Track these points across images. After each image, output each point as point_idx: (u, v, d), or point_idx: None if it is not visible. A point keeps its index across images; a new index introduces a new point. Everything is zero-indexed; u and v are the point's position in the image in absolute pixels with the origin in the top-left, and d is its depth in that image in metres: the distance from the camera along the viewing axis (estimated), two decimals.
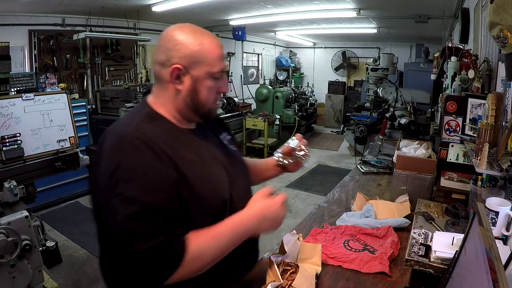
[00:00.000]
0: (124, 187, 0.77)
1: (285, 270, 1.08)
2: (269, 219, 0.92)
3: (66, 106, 2.27)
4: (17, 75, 3.73)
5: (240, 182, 0.99)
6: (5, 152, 1.89)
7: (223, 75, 0.93)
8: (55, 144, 2.17)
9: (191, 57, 0.86)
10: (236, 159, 1.06)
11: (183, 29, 0.88)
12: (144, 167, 0.79)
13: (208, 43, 0.88)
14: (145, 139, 0.82)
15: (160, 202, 0.78)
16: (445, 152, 1.61)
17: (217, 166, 0.94)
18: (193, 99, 0.90)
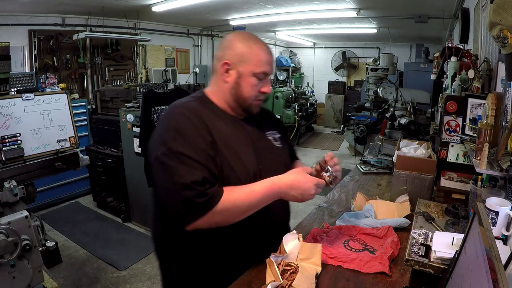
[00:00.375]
0: (172, 143, 0.96)
1: (285, 270, 1.08)
2: (299, 190, 1.04)
3: (66, 106, 2.26)
4: (17, 75, 3.73)
5: (271, 175, 1.08)
6: (5, 152, 1.89)
7: (267, 78, 1.11)
8: (55, 144, 2.17)
9: (239, 56, 1.06)
10: (275, 153, 1.20)
11: (241, 34, 1.11)
12: (187, 129, 0.98)
13: (256, 48, 1.07)
14: (190, 110, 1.04)
15: (200, 156, 0.96)
16: (445, 152, 1.61)
17: (248, 150, 1.09)
18: (237, 91, 1.08)
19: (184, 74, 6.77)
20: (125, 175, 3.49)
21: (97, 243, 3.19)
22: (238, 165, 1.04)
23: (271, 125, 1.26)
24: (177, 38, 6.56)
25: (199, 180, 0.93)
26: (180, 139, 0.96)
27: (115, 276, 2.71)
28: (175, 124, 1.00)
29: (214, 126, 1.03)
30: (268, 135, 1.21)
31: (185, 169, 0.93)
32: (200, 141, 0.98)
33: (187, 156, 0.94)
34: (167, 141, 0.97)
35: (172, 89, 3.36)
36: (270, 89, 1.12)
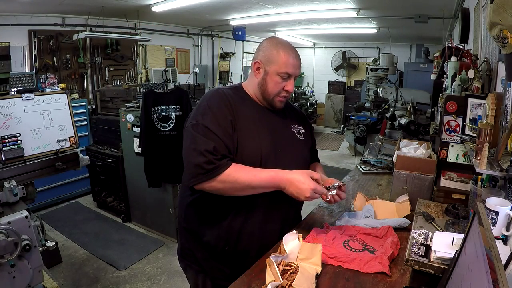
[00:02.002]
0: (201, 116, 1.18)
1: (285, 270, 1.08)
2: (296, 189, 1.16)
3: (66, 106, 2.26)
4: (17, 75, 3.73)
5: (287, 161, 1.25)
6: (5, 152, 1.89)
7: (291, 78, 1.26)
8: (55, 144, 2.17)
9: (268, 57, 1.25)
10: (296, 143, 1.35)
11: (274, 39, 1.29)
12: (215, 108, 1.19)
13: (283, 52, 1.23)
14: (223, 94, 1.24)
15: (219, 130, 1.15)
16: (445, 152, 1.61)
17: (266, 133, 1.25)
18: (262, 86, 1.27)
19: (184, 74, 6.77)
20: (125, 175, 3.49)
21: (97, 243, 3.19)
22: (252, 144, 1.20)
23: (298, 121, 1.42)
24: (177, 38, 6.56)
25: (210, 150, 1.11)
26: (207, 115, 1.17)
27: (115, 276, 2.71)
28: (208, 103, 1.21)
29: (240, 109, 1.22)
30: (293, 127, 1.37)
31: (203, 139, 1.13)
32: (223, 119, 1.17)
33: (209, 129, 1.14)
34: (198, 115, 1.19)
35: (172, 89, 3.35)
36: (292, 88, 1.27)
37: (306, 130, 1.43)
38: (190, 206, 1.32)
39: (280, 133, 1.30)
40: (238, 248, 1.26)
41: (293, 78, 1.27)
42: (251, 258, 1.20)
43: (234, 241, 1.25)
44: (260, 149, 1.21)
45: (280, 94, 1.27)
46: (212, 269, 1.30)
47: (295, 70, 1.25)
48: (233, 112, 1.20)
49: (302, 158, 1.38)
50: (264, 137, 1.24)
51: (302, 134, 1.40)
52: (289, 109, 1.44)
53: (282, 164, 1.22)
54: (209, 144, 1.12)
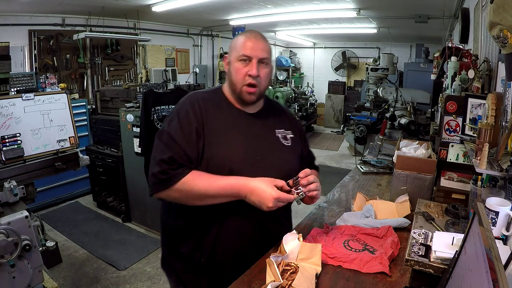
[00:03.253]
0: (168, 123, 1.16)
1: (285, 270, 1.08)
2: (258, 198, 1.07)
3: (66, 106, 2.26)
4: (17, 75, 3.73)
5: (267, 169, 1.15)
6: (5, 152, 1.89)
7: (254, 61, 1.13)
8: (55, 144, 2.17)
9: (230, 47, 1.20)
10: (279, 149, 1.23)
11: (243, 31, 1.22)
12: (182, 115, 1.14)
13: (242, 36, 1.17)
14: (196, 99, 1.18)
15: (181, 138, 1.11)
16: (445, 152, 1.61)
17: (240, 139, 1.17)
18: (230, 79, 1.19)
19: (184, 74, 6.77)
20: (125, 175, 3.49)
21: (97, 243, 3.19)
22: (220, 152, 1.13)
23: (285, 125, 1.30)
24: (177, 38, 6.56)
25: (166, 159, 1.08)
26: (174, 121, 1.14)
27: (115, 276, 2.71)
28: (178, 109, 1.18)
29: (212, 115, 1.16)
30: (278, 132, 1.26)
31: (162, 148, 1.11)
32: (187, 125, 1.12)
33: (171, 136, 1.11)
34: (167, 120, 1.17)
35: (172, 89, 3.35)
36: (255, 71, 1.13)
37: (295, 135, 1.30)
38: (166, 214, 1.30)
39: (260, 139, 1.20)
40: (214, 259, 1.19)
41: (256, 62, 1.13)
42: (228, 270, 1.16)
43: (209, 252, 1.18)
44: (229, 157, 1.12)
45: (245, 83, 1.14)
46: (190, 281, 1.24)
47: (254, 52, 1.13)
48: (201, 118, 1.13)
49: (287, 165, 1.22)
50: (237, 144, 1.15)
51: (290, 140, 1.27)
52: (276, 111, 1.31)
53: (261, 173, 1.12)
54: (165, 154, 1.09)
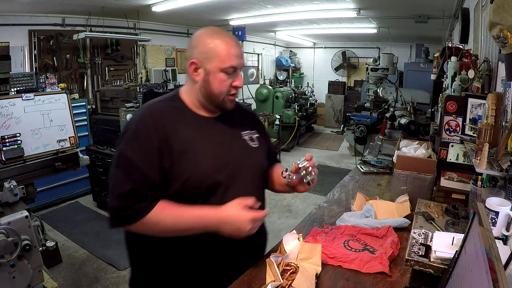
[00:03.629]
0: (125, 144, 1.01)
1: (285, 270, 1.08)
2: (232, 227, 1.00)
3: (66, 106, 2.26)
4: (17, 75, 3.72)
5: (241, 178, 1.09)
6: (5, 152, 1.89)
7: (238, 71, 1.07)
8: (55, 144, 2.17)
9: (205, 53, 1.03)
10: (249, 153, 1.16)
11: (206, 31, 1.06)
12: (141, 134, 1.01)
13: (222, 42, 1.03)
14: (153, 113, 1.05)
15: (143, 163, 0.98)
16: (445, 152, 1.61)
17: (212, 151, 1.07)
18: (206, 89, 1.06)
19: (184, 74, 6.73)
20: None
21: (97, 243, 3.19)
22: (193, 169, 1.01)
23: (249, 125, 1.23)
24: (177, 38, 6.56)
25: (125, 192, 0.96)
26: (132, 142, 1.01)
27: (115, 276, 2.71)
28: (135, 126, 1.04)
29: (175, 129, 1.03)
30: (244, 134, 1.18)
31: (120, 178, 0.98)
32: (149, 147, 0.99)
33: (131, 162, 0.98)
34: (123, 140, 1.02)
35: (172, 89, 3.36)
36: (241, 82, 1.09)
37: (260, 133, 1.24)
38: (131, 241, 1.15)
39: (229, 146, 1.11)
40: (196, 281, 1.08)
41: (240, 70, 1.08)
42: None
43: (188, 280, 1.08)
44: (205, 174, 1.02)
45: (229, 93, 1.07)
46: None
47: (239, 61, 1.06)
48: (165, 135, 1.00)
49: (259, 168, 1.19)
50: (209, 158, 1.05)
51: (256, 140, 1.20)
52: (238, 112, 1.21)
53: (237, 184, 1.07)
54: (124, 185, 0.96)
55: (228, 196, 1.04)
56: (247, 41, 7.27)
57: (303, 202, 4.27)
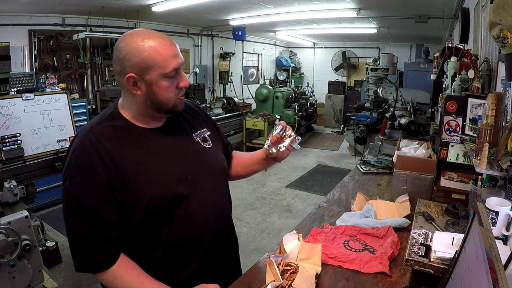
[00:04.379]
0: (69, 182, 0.92)
1: (285, 270, 1.08)
2: None
3: (66, 106, 2.27)
4: (17, 75, 3.73)
5: (203, 186, 1.04)
6: (5, 152, 1.89)
7: (180, 70, 0.97)
8: (55, 144, 2.17)
9: (141, 63, 0.90)
10: (206, 156, 1.10)
11: (131, 38, 0.92)
12: (84, 167, 0.91)
13: (155, 46, 0.91)
14: (92, 140, 0.93)
15: (94, 202, 0.90)
16: (445, 152, 1.61)
17: (167, 165, 0.99)
18: (152, 100, 0.95)
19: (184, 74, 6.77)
20: None
21: None
22: (153, 188, 0.94)
23: (199, 124, 1.16)
24: (177, 38, 6.55)
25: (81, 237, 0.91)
26: (76, 178, 0.91)
27: None
28: (75, 159, 0.93)
29: (121, 153, 0.93)
30: (196, 136, 1.11)
31: (72, 220, 0.92)
32: (96, 183, 0.90)
33: (81, 203, 0.90)
34: (67, 178, 0.93)
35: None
36: (186, 81, 1.00)
37: (212, 131, 1.18)
38: None
39: (182, 154, 1.04)
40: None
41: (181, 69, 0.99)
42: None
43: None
44: (164, 192, 0.96)
45: (178, 96, 0.99)
46: None
47: (179, 60, 0.95)
48: (111, 164, 0.91)
49: (218, 169, 1.13)
50: (165, 173, 0.98)
51: (209, 139, 1.14)
52: (185, 112, 1.12)
53: (199, 192, 1.02)
54: (78, 230, 0.90)
55: (193, 205, 1.01)
56: (247, 41, 7.28)
57: (303, 202, 4.27)
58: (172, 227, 0.98)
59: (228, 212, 1.19)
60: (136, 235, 0.97)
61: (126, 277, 0.94)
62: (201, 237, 1.04)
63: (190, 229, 1.01)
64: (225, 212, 1.16)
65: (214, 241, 1.07)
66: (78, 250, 0.92)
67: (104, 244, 0.92)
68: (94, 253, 0.91)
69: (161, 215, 0.97)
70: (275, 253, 1.12)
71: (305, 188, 4.72)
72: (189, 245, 1.02)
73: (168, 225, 0.98)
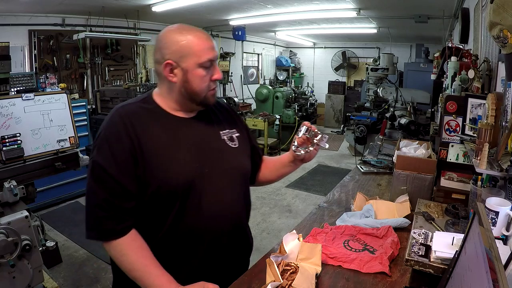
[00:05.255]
0: (97, 151, 0.98)
1: (285, 270, 1.08)
2: None
3: (66, 106, 2.27)
4: (17, 75, 3.73)
5: (218, 178, 1.06)
6: (5, 152, 1.89)
7: (214, 63, 1.04)
8: (55, 144, 2.17)
9: (179, 51, 0.98)
10: (228, 155, 1.11)
11: (172, 29, 1.02)
12: (112, 138, 0.97)
13: (194, 37, 0.99)
14: (123, 116, 1.00)
15: (116, 171, 0.95)
16: (445, 152, 1.61)
17: (187, 153, 1.03)
18: (186, 88, 1.01)
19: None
20: None
21: (97, 243, 3.12)
22: (168, 171, 0.98)
23: (229, 123, 1.18)
24: None
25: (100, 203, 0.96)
26: (103, 148, 0.97)
27: None
28: (105, 131, 1.00)
29: (147, 131, 0.99)
30: (223, 134, 1.13)
31: (93, 186, 0.98)
32: (121, 152, 0.96)
33: (104, 170, 0.95)
34: (95, 148, 1.00)
35: None
36: (220, 74, 1.06)
37: (241, 133, 1.19)
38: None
39: (205, 148, 1.06)
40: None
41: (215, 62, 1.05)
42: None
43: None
44: (178, 179, 0.99)
45: (210, 88, 1.04)
46: None
47: (215, 53, 1.03)
48: (136, 138, 0.97)
49: (238, 171, 1.14)
50: (183, 160, 1.01)
51: (236, 140, 1.15)
52: (217, 109, 1.17)
53: (212, 189, 1.04)
54: (98, 196, 0.96)
55: (203, 199, 1.02)
56: (247, 41, 7.27)
57: (303, 202, 4.27)
58: (179, 215, 1.01)
59: (241, 216, 1.16)
60: (145, 213, 1.00)
61: (132, 257, 0.96)
62: (206, 233, 1.04)
63: (196, 223, 1.02)
64: (237, 215, 1.13)
65: (219, 241, 1.07)
66: (93, 216, 0.97)
67: (119, 214, 0.96)
68: (108, 220, 0.95)
69: (171, 199, 0.99)
70: (275, 253, 1.12)
71: (305, 188, 4.72)
72: (192, 238, 1.03)
73: (176, 211, 1.00)
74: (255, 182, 1.32)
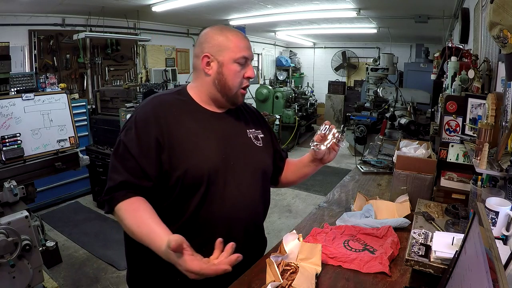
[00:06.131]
0: (125, 132, 1.04)
1: (285, 270, 1.08)
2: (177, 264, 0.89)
3: (66, 106, 2.26)
4: (17, 75, 3.72)
5: (240, 175, 1.10)
6: (5, 152, 1.89)
7: (249, 62, 1.11)
8: (55, 144, 2.17)
9: (217, 46, 1.06)
10: (252, 151, 1.16)
11: (214, 28, 1.11)
12: (141, 123, 1.03)
13: (232, 35, 1.08)
14: (157, 104, 1.08)
15: (138, 152, 1.00)
16: (445, 152, 1.61)
17: (213, 144, 1.07)
18: (220, 81, 1.08)
19: (184, 74, 6.76)
20: None
21: (97, 243, 3.19)
22: (194, 159, 1.03)
23: (255, 124, 1.24)
24: (177, 38, 6.56)
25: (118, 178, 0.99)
26: (131, 130, 1.03)
27: (115, 276, 2.71)
28: (136, 116, 1.07)
29: (178, 120, 1.05)
30: (250, 132, 1.20)
31: (115, 162, 1.02)
32: (146, 136, 1.01)
33: (127, 149, 1.01)
34: (124, 129, 1.06)
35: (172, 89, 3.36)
36: (253, 73, 1.12)
37: (265, 135, 1.24)
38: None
39: (232, 141, 1.12)
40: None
41: (250, 62, 1.12)
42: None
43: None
44: (205, 165, 1.03)
45: (242, 86, 1.10)
46: None
47: (250, 52, 1.10)
48: (165, 126, 1.02)
49: (261, 167, 1.18)
50: (211, 149, 1.06)
51: (261, 140, 1.21)
52: (245, 110, 1.24)
53: (235, 180, 1.08)
54: (118, 171, 1.00)
55: (228, 191, 1.06)
56: None
57: (303, 202, 4.27)
58: (202, 201, 1.04)
59: (258, 211, 1.19)
60: (169, 198, 1.03)
61: (127, 220, 0.96)
62: (225, 222, 1.07)
63: (218, 211, 1.05)
64: (255, 210, 1.16)
65: (236, 232, 1.08)
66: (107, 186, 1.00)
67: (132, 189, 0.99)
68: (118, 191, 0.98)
69: (196, 185, 1.03)
70: (275, 253, 1.12)
71: (305, 188, 4.72)
72: (211, 226, 1.05)
73: (200, 197, 1.03)
74: (278, 183, 1.37)
